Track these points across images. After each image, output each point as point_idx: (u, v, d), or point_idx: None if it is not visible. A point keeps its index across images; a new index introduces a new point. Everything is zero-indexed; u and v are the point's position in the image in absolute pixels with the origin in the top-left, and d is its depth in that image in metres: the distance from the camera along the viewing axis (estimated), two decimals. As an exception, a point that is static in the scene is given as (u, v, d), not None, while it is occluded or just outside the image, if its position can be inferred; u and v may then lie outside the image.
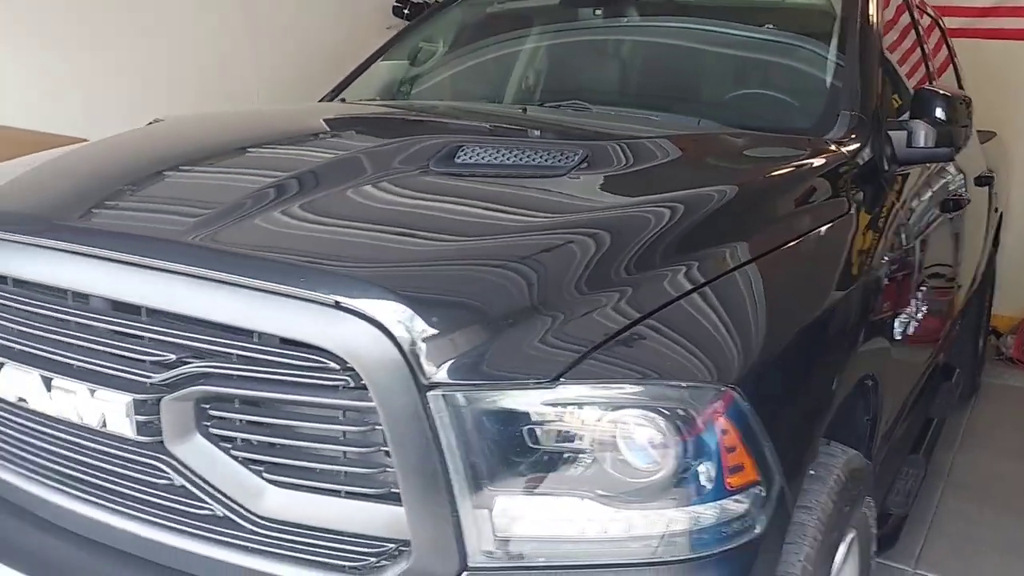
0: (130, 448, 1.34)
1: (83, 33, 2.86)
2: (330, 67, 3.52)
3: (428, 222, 1.49)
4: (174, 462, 1.31)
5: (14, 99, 2.87)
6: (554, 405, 1.20)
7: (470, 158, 1.69)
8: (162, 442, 1.31)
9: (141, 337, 1.32)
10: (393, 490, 1.22)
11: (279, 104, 3.24)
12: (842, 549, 1.64)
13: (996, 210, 4.03)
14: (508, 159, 1.68)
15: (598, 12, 2.96)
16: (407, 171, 1.65)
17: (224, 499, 1.29)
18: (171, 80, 3.13)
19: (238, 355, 1.25)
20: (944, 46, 3.67)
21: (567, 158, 1.69)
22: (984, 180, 3.57)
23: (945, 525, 3.05)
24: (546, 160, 1.69)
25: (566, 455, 1.22)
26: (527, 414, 1.20)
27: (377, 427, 1.21)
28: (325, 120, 2.23)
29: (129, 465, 1.35)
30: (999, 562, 2.83)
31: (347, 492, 1.25)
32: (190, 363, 1.28)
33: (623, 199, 1.63)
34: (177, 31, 3.12)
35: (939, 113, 2.16)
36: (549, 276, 1.32)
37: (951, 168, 2.87)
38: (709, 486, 1.22)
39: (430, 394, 1.18)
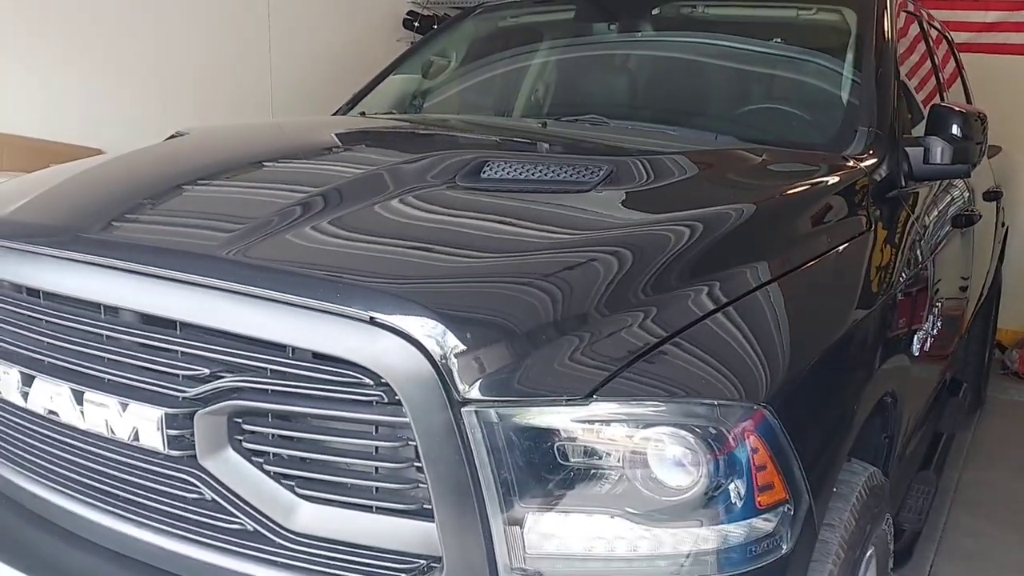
0: (161, 462, 1.34)
1: (90, 40, 2.87)
2: (341, 78, 3.54)
3: (458, 238, 1.50)
4: (206, 476, 1.31)
5: (17, 105, 2.87)
6: (586, 422, 1.21)
7: (496, 173, 1.69)
8: (194, 456, 1.31)
9: (174, 351, 1.32)
10: (425, 506, 1.22)
11: (300, 117, 3.24)
12: (863, 567, 1.64)
13: (1003, 224, 4.05)
14: (534, 174, 1.69)
15: (612, 27, 2.97)
16: (434, 186, 1.65)
17: (256, 514, 1.29)
18: (182, 89, 3.14)
19: (272, 370, 1.26)
20: (952, 59, 3.69)
21: (592, 174, 1.70)
22: (992, 195, 3.59)
23: (955, 542, 3.05)
24: (571, 176, 1.69)
25: (597, 472, 1.22)
26: (559, 431, 1.20)
27: (410, 442, 1.21)
28: (346, 134, 2.24)
29: (160, 479, 1.35)
30: (1010, 579, 2.83)
31: (379, 508, 1.25)
32: (223, 377, 1.28)
33: (648, 216, 1.64)
34: (189, 40, 3.13)
35: (955, 130, 2.18)
36: (579, 293, 1.33)
37: (961, 184, 2.88)
38: (739, 504, 1.23)
39: (463, 410, 1.18)
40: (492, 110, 3.02)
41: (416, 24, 4.09)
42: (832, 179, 1.98)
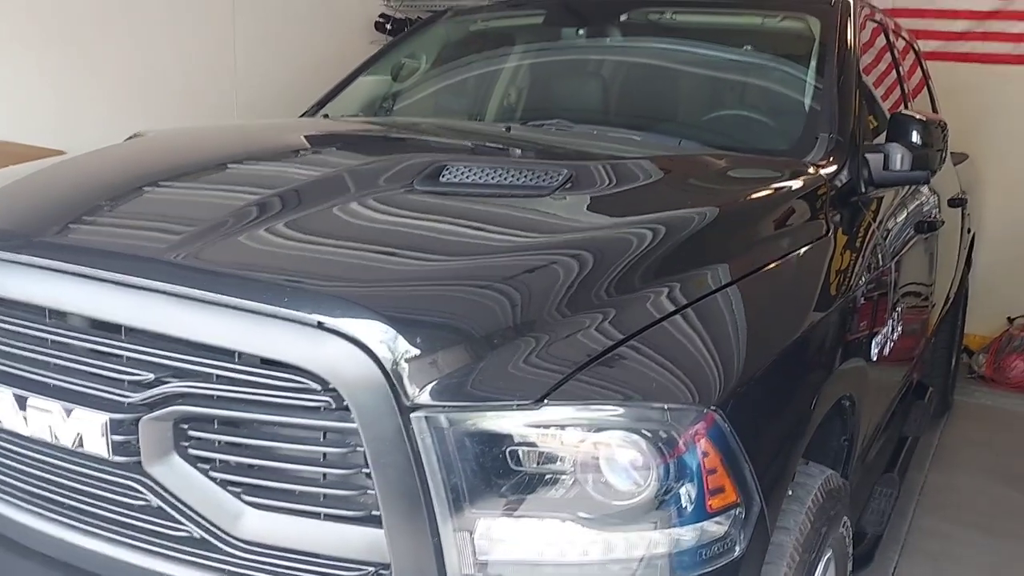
0: (106, 468, 1.32)
1: (60, 42, 2.84)
2: (310, 80, 3.52)
3: (412, 241, 1.49)
4: (151, 483, 1.29)
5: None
6: (538, 427, 1.20)
7: (455, 177, 1.69)
8: (139, 462, 1.29)
9: (119, 356, 1.30)
10: (374, 512, 1.21)
11: (261, 119, 3.22)
12: (820, 569, 1.65)
13: (969, 231, 4.09)
14: (493, 178, 1.69)
15: (580, 32, 2.98)
16: (392, 190, 1.65)
17: (201, 521, 1.27)
18: (147, 91, 3.10)
19: (219, 375, 1.24)
20: (919, 68, 3.74)
21: (551, 178, 1.70)
22: (957, 202, 3.63)
23: (919, 544, 3.07)
24: (530, 180, 1.69)
25: (548, 477, 1.22)
26: (510, 436, 1.20)
27: (358, 448, 1.20)
28: (308, 136, 2.23)
29: (105, 486, 1.33)
30: (973, 581, 2.86)
31: (327, 514, 1.24)
32: (169, 383, 1.27)
33: (607, 220, 1.64)
34: (155, 42, 3.10)
35: (915, 137, 2.20)
36: (533, 297, 1.33)
37: (925, 190, 2.91)
38: (690, 508, 1.23)
39: (413, 415, 1.18)
40: (462, 114, 3.01)
41: (388, 27, 4.08)
42: (793, 184, 1.99)
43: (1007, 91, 5.30)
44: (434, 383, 1.19)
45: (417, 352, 1.19)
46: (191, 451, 1.29)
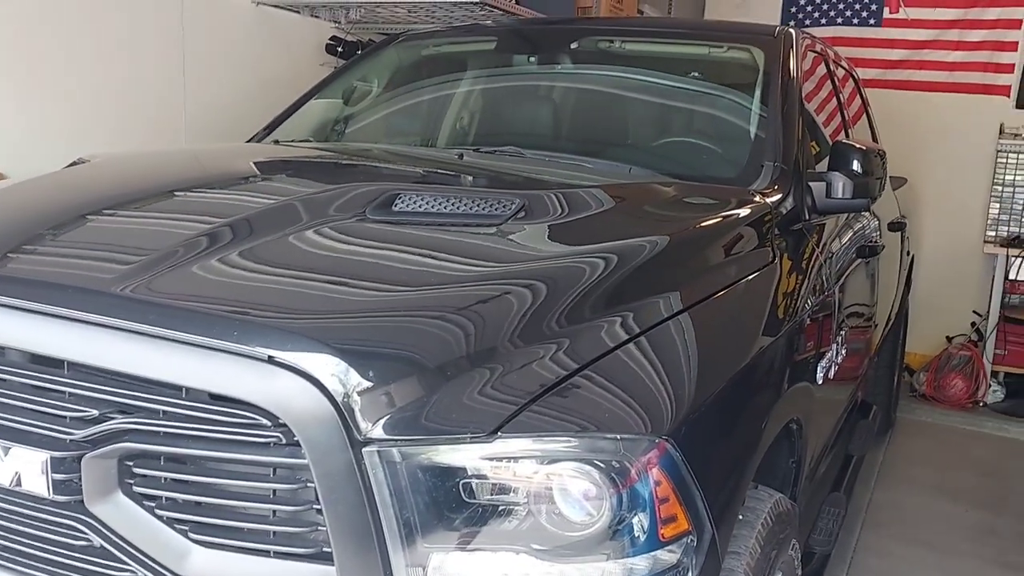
0: (46, 508, 1.28)
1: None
2: (260, 102, 3.48)
3: (364, 272, 1.48)
4: (94, 522, 1.26)
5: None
6: (491, 459, 1.20)
7: (407, 206, 1.68)
8: (81, 501, 1.26)
9: (62, 392, 1.27)
10: (325, 549, 1.19)
11: (210, 144, 3.17)
12: (770, 593, 1.67)
13: (908, 253, 4.22)
14: (446, 207, 1.69)
15: (532, 59, 3.01)
16: (344, 218, 1.64)
17: (147, 560, 1.24)
18: (91, 116, 3.04)
19: (165, 411, 1.22)
20: (858, 96, 3.85)
21: (504, 207, 1.70)
22: (897, 225, 3.75)
23: (866, 562, 3.13)
24: (483, 209, 1.70)
25: (502, 509, 1.21)
26: (464, 469, 1.20)
27: (309, 484, 1.19)
28: (259, 163, 2.20)
29: (45, 526, 1.29)
30: (918, 597, 2.92)
31: (276, 552, 1.22)
32: (114, 419, 1.24)
33: (560, 249, 1.65)
34: (99, 66, 3.03)
35: (856, 166, 2.27)
36: (487, 327, 1.33)
37: (866, 215, 3.00)
38: (643, 537, 1.23)
39: (365, 450, 1.17)
40: (414, 139, 3.01)
41: (339, 49, 4.06)
42: (740, 212, 2.03)
43: (942, 117, 5.50)
44: (387, 417, 1.18)
45: (369, 385, 1.18)
46: (136, 489, 1.26)
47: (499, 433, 1.19)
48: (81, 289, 1.33)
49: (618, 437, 1.24)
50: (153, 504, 1.26)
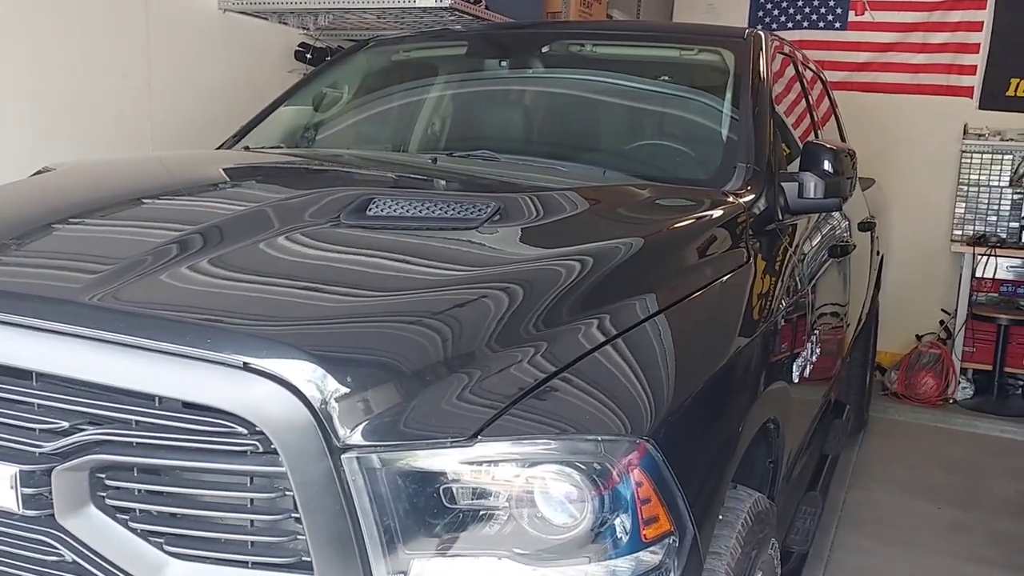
0: (16, 523, 1.25)
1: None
2: (229, 109, 3.44)
3: (339, 277, 1.46)
4: (65, 537, 1.23)
5: None
6: (472, 463, 1.19)
7: (382, 210, 1.67)
8: (52, 515, 1.23)
9: (30, 404, 1.24)
10: (304, 558, 1.18)
11: (179, 152, 3.13)
12: (751, 592, 1.67)
13: (878, 253, 4.28)
14: (421, 211, 1.68)
15: (503, 63, 3.00)
16: (317, 224, 1.62)
17: (121, 575, 1.21)
18: (56, 124, 2.98)
19: (138, 421, 1.19)
20: (827, 98, 3.90)
21: (479, 211, 1.69)
22: (867, 225, 3.79)
23: (842, 560, 3.16)
24: (459, 213, 1.69)
25: (484, 514, 1.20)
26: (444, 474, 1.18)
27: (287, 493, 1.17)
28: (228, 169, 2.17)
29: (15, 541, 1.26)
30: (894, 594, 2.95)
31: (254, 563, 1.20)
32: (85, 430, 1.21)
33: (536, 252, 1.64)
34: (63, 72, 2.98)
35: (827, 166, 2.29)
36: (464, 331, 1.32)
37: (837, 215, 3.03)
38: (625, 539, 1.23)
39: (344, 457, 1.15)
40: (386, 144, 2.99)
41: (308, 56, 4.03)
42: (714, 213, 2.04)
43: (908, 118, 5.59)
44: (365, 422, 1.17)
45: (347, 391, 1.17)
46: (109, 501, 1.23)
47: (479, 437, 1.19)
48: (48, 299, 1.30)
49: (599, 439, 1.23)
50: (127, 517, 1.23)
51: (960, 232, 5.43)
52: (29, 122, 2.89)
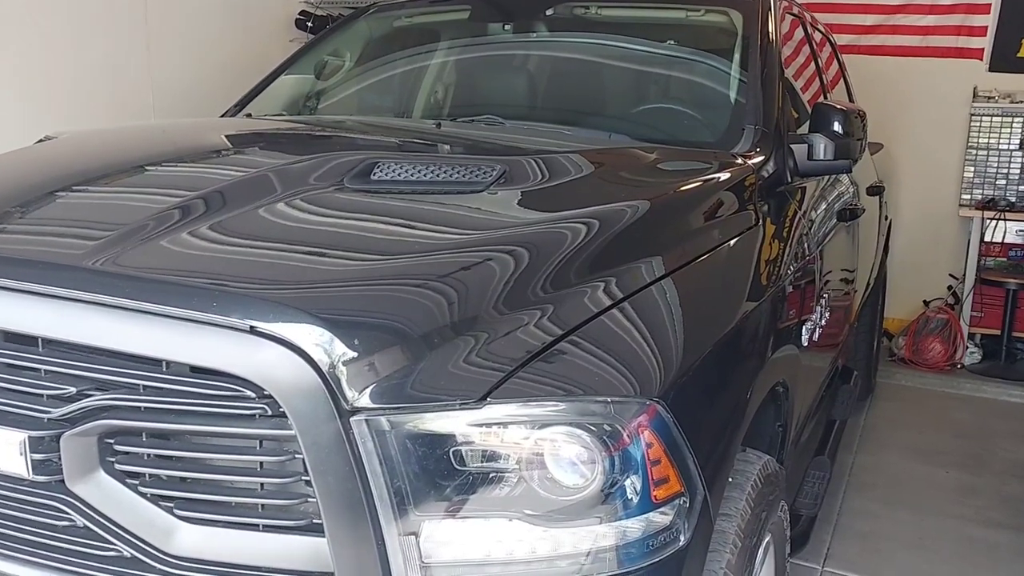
0: (26, 488, 1.26)
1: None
2: (230, 79, 3.42)
3: (345, 241, 1.45)
4: (75, 502, 1.23)
5: None
6: (481, 426, 1.19)
7: (387, 175, 1.65)
8: (62, 481, 1.23)
9: (37, 370, 1.23)
10: (315, 521, 1.18)
11: (181, 119, 3.11)
12: (760, 554, 1.67)
13: (886, 218, 4.24)
14: (425, 175, 1.66)
15: (506, 27, 2.96)
16: (322, 188, 1.60)
17: (132, 539, 1.22)
18: (56, 94, 2.96)
19: (146, 386, 1.19)
20: (835, 61, 3.84)
21: (485, 174, 1.68)
22: (875, 190, 3.76)
23: (850, 524, 3.17)
24: (464, 176, 1.67)
25: (493, 476, 1.20)
26: (454, 436, 1.18)
27: (297, 456, 1.17)
28: (231, 136, 2.16)
29: (26, 507, 1.26)
30: (904, 557, 2.96)
31: (265, 525, 1.20)
32: (93, 396, 1.21)
33: (542, 215, 1.63)
34: (64, 42, 2.96)
35: (837, 127, 2.26)
36: (471, 294, 1.31)
37: (846, 179, 3.00)
38: (635, 500, 1.23)
39: (353, 419, 1.15)
40: (389, 111, 2.97)
41: (309, 24, 4.00)
42: (722, 176, 2.02)
43: (916, 82, 5.51)
44: (374, 385, 1.16)
45: (355, 354, 1.16)
46: (118, 466, 1.23)
47: (488, 399, 1.18)
48: (52, 264, 1.29)
49: (609, 400, 1.23)
50: (136, 482, 1.23)
51: (968, 196, 5.37)
52: (27, 93, 2.87)
